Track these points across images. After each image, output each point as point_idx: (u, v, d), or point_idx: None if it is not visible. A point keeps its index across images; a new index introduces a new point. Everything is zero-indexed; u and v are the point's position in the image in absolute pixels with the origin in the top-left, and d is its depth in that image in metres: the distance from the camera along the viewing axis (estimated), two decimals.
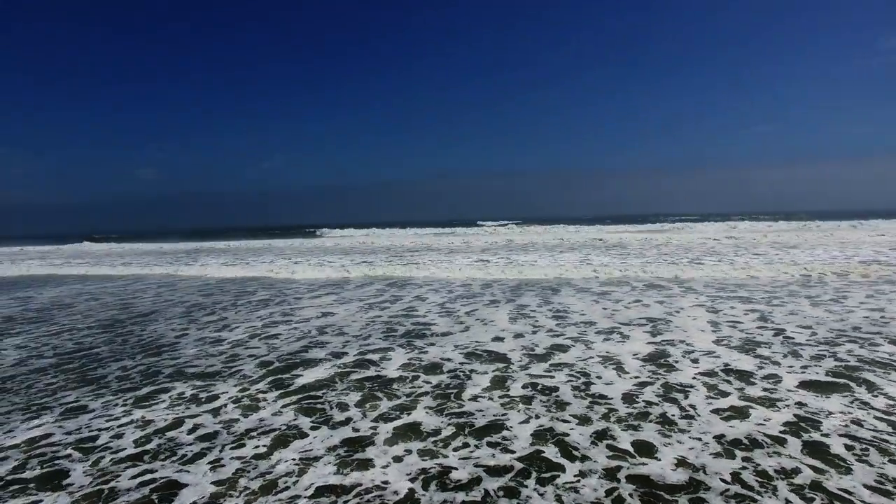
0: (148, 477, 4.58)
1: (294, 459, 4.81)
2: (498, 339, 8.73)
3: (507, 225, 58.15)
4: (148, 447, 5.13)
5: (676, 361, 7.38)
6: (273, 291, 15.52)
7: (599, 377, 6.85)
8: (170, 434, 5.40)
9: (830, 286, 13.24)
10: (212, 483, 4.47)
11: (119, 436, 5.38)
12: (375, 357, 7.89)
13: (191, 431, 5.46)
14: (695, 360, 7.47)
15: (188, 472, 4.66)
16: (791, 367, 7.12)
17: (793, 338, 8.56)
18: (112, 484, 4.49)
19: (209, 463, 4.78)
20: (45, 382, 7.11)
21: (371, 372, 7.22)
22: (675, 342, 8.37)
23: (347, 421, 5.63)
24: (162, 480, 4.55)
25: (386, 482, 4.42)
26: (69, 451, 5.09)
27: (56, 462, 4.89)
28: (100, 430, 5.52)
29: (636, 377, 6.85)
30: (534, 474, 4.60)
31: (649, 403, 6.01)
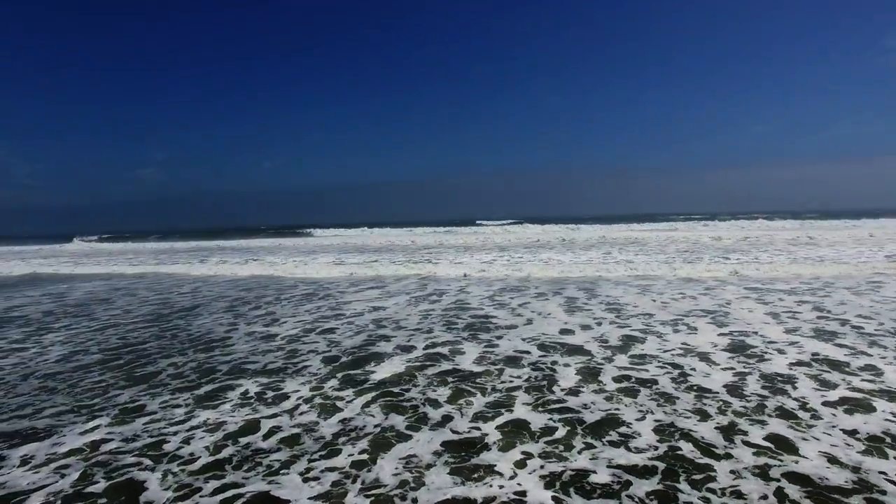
0: (233, 492, 3.64)
1: (400, 468, 3.94)
2: (566, 331, 7.84)
3: (506, 224, 55.27)
4: (225, 454, 4.19)
5: (764, 352, 6.56)
6: (314, 286, 14.19)
7: (693, 369, 6.02)
8: (245, 439, 4.45)
9: (862, 280, 12.55)
10: (311, 498, 3.58)
11: (188, 440, 4.45)
12: (445, 350, 6.98)
13: (268, 435, 4.52)
14: (780, 351, 6.65)
15: (279, 484, 3.75)
16: (883, 356, 6.33)
17: (862, 327, 7.79)
18: (195, 499, 3.61)
19: (300, 473, 3.87)
20: (93, 381, 6.12)
21: (447, 366, 6.32)
22: (748, 333, 7.56)
23: (445, 420, 4.73)
24: (251, 494, 3.63)
25: (522, 492, 3.55)
26: (135, 458, 4.15)
27: (125, 472, 3.94)
28: (164, 434, 4.57)
29: (730, 368, 6.03)
30: (682, 475, 3.79)
31: (761, 396, 5.20)
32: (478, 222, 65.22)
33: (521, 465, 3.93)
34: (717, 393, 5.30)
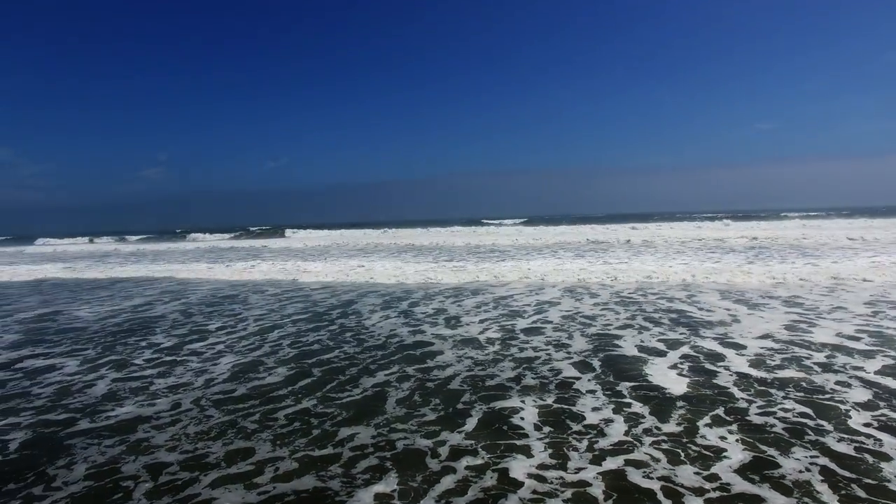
0: None
1: None
2: (791, 327, 5.78)
3: (516, 224, 49.29)
4: None
5: None
6: (449, 288, 9.95)
7: None
8: None
9: None
10: None
11: None
12: (689, 350, 4.95)
13: None
14: None
15: None
16: None
17: None
18: None
19: None
20: (295, 410, 3.87)
21: (725, 372, 4.27)
22: None
23: (880, 460, 2.79)
24: None
25: None
26: None
27: None
28: None
29: None
30: None
31: None
32: (483, 222, 56.99)
33: None
34: None
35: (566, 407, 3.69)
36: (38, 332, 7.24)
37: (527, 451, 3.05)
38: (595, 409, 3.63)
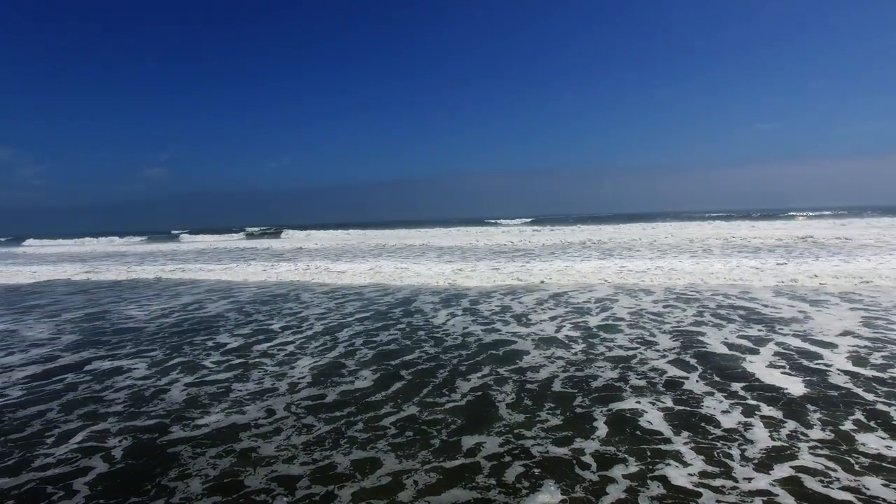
0: None
1: None
2: (868, 324, 5.61)
3: (523, 224, 47.44)
4: None
5: None
6: (500, 286, 9.53)
7: None
8: None
9: None
10: None
11: None
12: (777, 348, 4.65)
13: None
14: None
15: None
16: None
17: None
18: None
19: None
20: (402, 418, 3.63)
21: (836, 374, 3.97)
22: None
23: None
24: None
25: None
26: None
27: None
28: None
29: None
30: None
31: None
32: (487, 221, 56.00)
33: None
34: None
35: (691, 409, 3.46)
36: (95, 333, 6.94)
37: (678, 458, 2.81)
38: (724, 412, 3.39)
